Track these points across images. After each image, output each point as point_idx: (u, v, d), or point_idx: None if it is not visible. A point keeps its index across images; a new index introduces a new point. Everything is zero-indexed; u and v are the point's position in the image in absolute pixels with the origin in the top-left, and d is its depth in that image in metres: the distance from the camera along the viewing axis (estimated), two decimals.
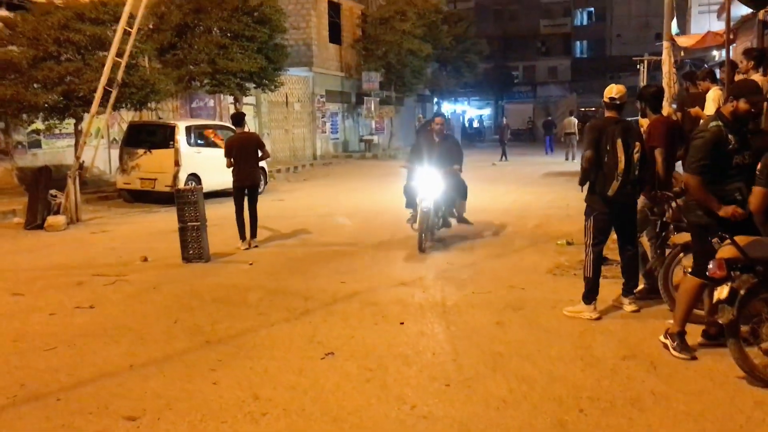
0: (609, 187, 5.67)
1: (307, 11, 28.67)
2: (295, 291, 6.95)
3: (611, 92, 5.91)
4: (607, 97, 5.92)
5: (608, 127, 5.75)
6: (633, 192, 5.79)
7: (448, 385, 4.40)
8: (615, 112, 5.88)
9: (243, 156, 9.46)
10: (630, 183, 5.68)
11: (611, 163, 5.67)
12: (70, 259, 9.00)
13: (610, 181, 5.66)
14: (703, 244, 4.73)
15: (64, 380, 4.64)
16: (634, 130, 5.85)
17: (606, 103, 5.93)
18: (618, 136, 5.67)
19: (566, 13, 61.39)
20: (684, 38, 15.55)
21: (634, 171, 5.67)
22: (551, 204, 13.39)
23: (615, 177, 5.64)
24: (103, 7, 13.55)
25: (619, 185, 5.64)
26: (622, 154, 5.63)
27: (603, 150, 5.72)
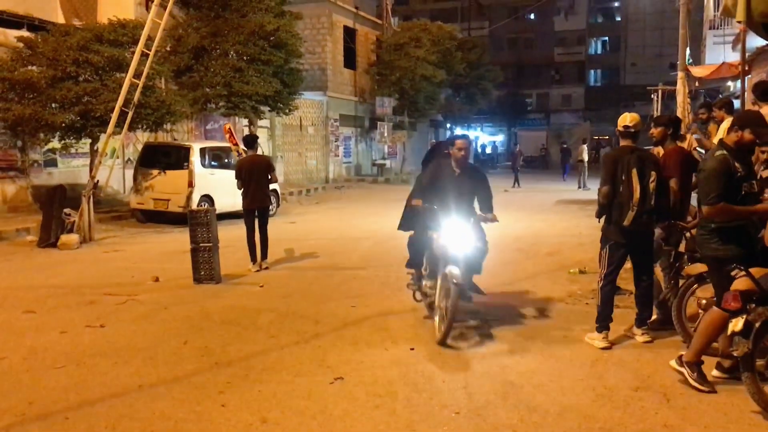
0: (625, 217, 5.63)
1: (323, 36, 28.99)
2: (306, 314, 6.93)
3: (625, 121, 5.88)
4: (621, 126, 5.89)
5: (623, 156, 5.72)
6: (649, 222, 5.73)
7: (457, 413, 4.36)
8: (630, 140, 5.85)
9: (253, 178, 9.53)
10: (646, 213, 5.63)
11: (626, 193, 5.63)
12: (82, 277, 9.04)
13: (626, 211, 5.62)
14: (720, 276, 4.67)
15: (73, 399, 4.64)
16: (650, 159, 5.81)
17: (620, 131, 5.91)
18: (633, 165, 5.64)
19: (580, 42, 61.66)
20: (699, 69, 15.58)
21: (650, 201, 5.62)
22: (564, 232, 13.33)
23: (630, 207, 5.60)
24: (121, 29, 13.75)
25: (634, 215, 5.59)
26: (638, 184, 5.59)
27: (618, 179, 5.69)
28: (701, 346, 4.71)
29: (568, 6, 60.70)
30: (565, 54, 61.37)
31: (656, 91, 18.57)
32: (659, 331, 6.05)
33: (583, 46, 61.85)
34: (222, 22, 18.65)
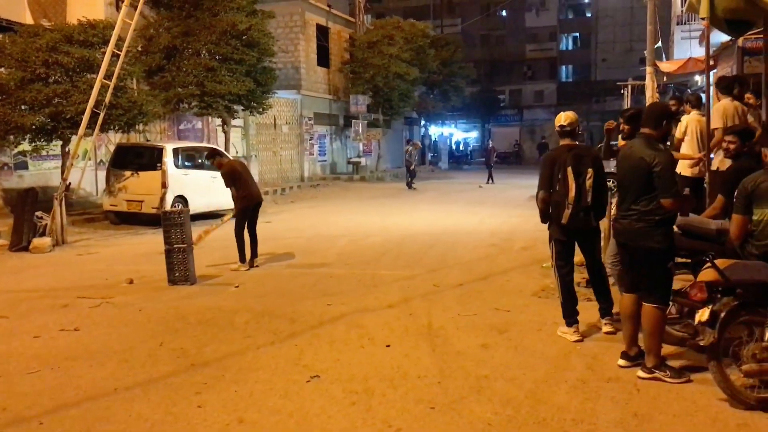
0: (562, 216, 5.72)
1: (295, 35, 28.91)
2: (282, 313, 6.95)
3: (560, 120, 5.94)
4: (557, 126, 5.97)
5: (561, 155, 5.80)
6: (586, 219, 5.79)
7: (433, 408, 4.41)
8: (568, 139, 5.92)
9: (249, 174, 9.82)
10: (582, 210, 5.71)
11: (562, 191, 5.73)
12: (56, 281, 8.96)
13: (563, 209, 5.72)
14: (659, 268, 4.76)
15: (48, 404, 4.61)
16: (588, 156, 5.84)
17: (558, 131, 5.99)
18: (569, 163, 5.71)
19: (552, 38, 62.14)
20: (666, 64, 15.84)
21: (585, 198, 5.69)
22: (538, 227, 13.28)
23: (566, 205, 5.69)
24: (91, 30, 13.62)
25: (570, 213, 5.69)
26: (573, 182, 5.67)
27: (555, 178, 5.79)
28: (655, 346, 4.78)
29: (539, 2, 61.15)
30: (536, 50, 61.81)
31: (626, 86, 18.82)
32: None
33: (555, 42, 62.34)
34: (193, 21, 18.53)
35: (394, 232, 13.41)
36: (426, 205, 19.52)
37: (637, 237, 4.82)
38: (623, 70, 49.31)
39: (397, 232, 13.28)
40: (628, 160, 4.88)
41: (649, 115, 5.03)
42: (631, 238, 4.88)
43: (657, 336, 4.78)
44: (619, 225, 4.99)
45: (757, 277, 4.33)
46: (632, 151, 4.88)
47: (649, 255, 4.78)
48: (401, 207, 18.89)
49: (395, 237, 12.62)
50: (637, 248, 4.85)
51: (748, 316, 4.33)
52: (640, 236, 4.80)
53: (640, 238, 4.80)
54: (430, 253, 10.77)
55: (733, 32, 7.31)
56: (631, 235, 4.87)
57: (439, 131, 50.08)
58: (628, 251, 5.00)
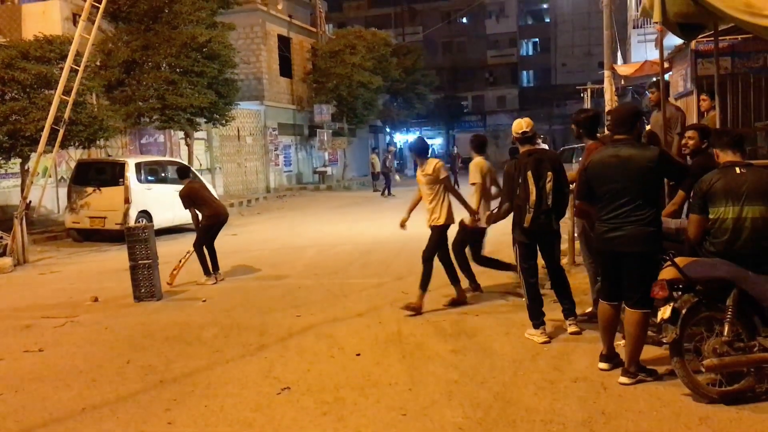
0: (524, 219, 5.83)
1: (257, 45, 28.84)
2: (251, 326, 6.91)
3: (521, 127, 6.04)
4: (518, 133, 6.05)
5: (522, 160, 5.91)
6: (547, 221, 5.90)
7: (404, 415, 4.43)
8: (528, 144, 6.03)
9: (209, 192, 9.98)
10: (543, 213, 5.82)
11: (523, 196, 5.84)
12: (18, 301, 8.79)
13: (524, 213, 5.82)
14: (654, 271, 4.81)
15: (12, 427, 4.53)
16: (548, 161, 5.93)
17: (518, 137, 6.08)
18: (529, 168, 5.82)
19: (512, 44, 62.94)
20: (624, 67, 16.17)
21: (546, 201, 5.80)
22: (504, 230, 13.43)
23: (527, 209, 5.80)
24: (48, 46, 13.47)
25: (532, 217, 5.80)
26: (533, 186, 5.78)
27: (516, 183, 5.90)
28: (639, 351, 4.80)
29: (498, 9, 61.93)
30: (497, 56, 62.54)
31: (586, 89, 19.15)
32: (594, 323, 6.23)
33: (515, 48, 63.16)
34: (153, 34, 18.40)
35: (361, 240, 13.43)
36: (393, 212, 19.49)
37: (639, 243, 4.69)
38: (583, 74, 50.15)
39: (365, 241, 13.30)
40: (622, 165, 4.73)
41: (621, 120, 4.98)
42: (633, 245, 4.70)
43: (642, 341, 4.79)
44: (618, 233, 4.75)
45: (716, 274, 4.44)
46: (623, 156, 4.75)
47: (646, 260, 4.71)
48: (369, 215, 18.91)
49: (363, 245, 12.63)
50: (636, 255, 4.71)
51: (708, 312, 4.43)
52: (642, 242, 4.68)
53: (642, 244, 4.68)
54: (398, 260, 10.80)
55: (686, 35, 7.49)
56: (633, 242, 4.70)
57: (404, 138, 50.27)
58: (616, 259, 4.82)
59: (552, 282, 6.28)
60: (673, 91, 11.91)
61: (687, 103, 10.43)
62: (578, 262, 8.74)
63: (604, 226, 4.87)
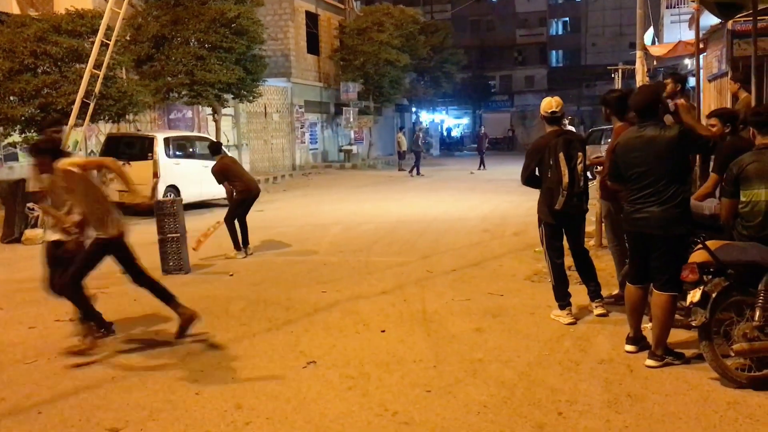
0: (555, 202, 5.75)
1: (285, 22, 28.77)
2: (277, 301, 6.98)
3: (551, 106, 5.90)
4: (547, 111, 5.92)
5: (550, 141, 5.80)
6: (579, 204, 5.87)
7: (429, 392, 4.46)
8: (556, 125, 5.93)
9: (241, 168, 10.01)
10: (575, 196, 5.76)
11: (555, 178, 5.73)
12: None
13: (556, 196, 5.73)
14: (682, 252, 4.77)
15: (45, 393, 4.63)
16: (576, 141, 5.89)
17: (546, 117, 5.95)
18: (560, 149, 5.71)
19: (542, 23, 62.10)
20: (656, 47, 15.85)
21: (578, 183, 5.74)
22: (530, 212, 13.39)
23: (560, 192, 5.70)
24: (80, 20, 13.54)
25: (565, 199, 5.71)
26: (566, 168, 5.68)
27: (546, 165, 5.81)
28: (667, 334, 4.76)
29: None
30: (527, 35, 61.76)
31: (617, 70, 18.85)
32: (620, 305, 6.19)
33: (545, 28, 62.30)
34: (182, 9, 18.43)
35: (386, 219, 13.44)
36: (418, 191, 19.56)
37: (666, 225, 4.63)
38: (613, 54, 49.42)
39: (390, 220, 13.31)
40: (647, 146, 4.68)
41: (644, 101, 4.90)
42: (660, 227, 4.66)
43: (669, 324, 4.76)
44: (644, 214, 4.70)
45: (748, 258, 4.37)
46: (648, 136, 4.69)
47: (674, 242, 4.68)
48: (393, 194, 18.91)
49: (388, 224, 12.65)
50: (663, 237, 4.67)
51: (739, 296, 4.38)
52: (670, 223, 4.63)
53: (669, 226, 4.63)
54: (423, 239, 10.81)
55: (723, 15, 7.34)
56: (660, 223, 4.65)
57: (430, 118, 50.05)
58: (644, 241, 4.78)
59: (577, 264, 6.23)
60: (707, 72, 11.68)
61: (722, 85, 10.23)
62: (605, 244, 8.67)
63: (630, 207, 4.86)
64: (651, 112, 4.81)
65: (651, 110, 4.81)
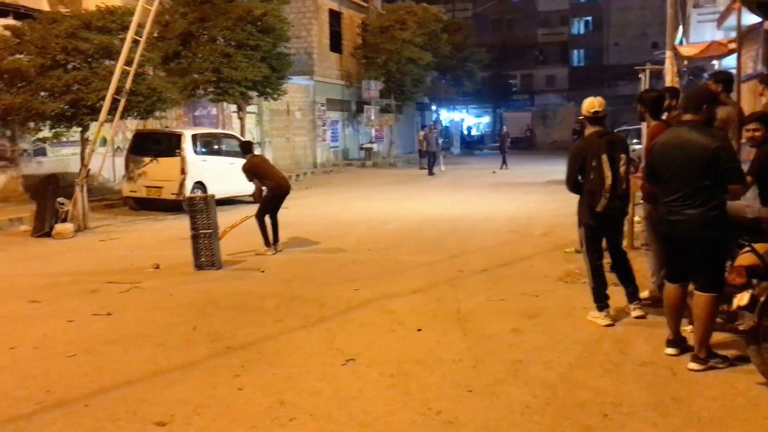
0: (597, 203, 5.69)
1: (308, 20, 28.84)
2: (310, 298, 7.00)
3: (594, 106, 5.81)
4: (590, 111, 5.83)
5: (593, 142, 5.74)
6: (621, 205, 5.83)
7: (470, 391, 4.45)
8: (598, 125, 5.85)
9: (271, 165, 10.17)
10: (618, 198, 5.71)
11: (598, 180, 5.67)
12: (82, 266, 9.05)
13: (598, 198, 5.67)
14: (721, 256, 4.73)
15: (89, 387, 4.68)
16: (619, 142, 5.84)
17: (589, 117, 5.87)
18: (603, 151, 5.65)
19: (564, 22, 61.76)
20: (687, 48, 15.67)
21: (621, 185, 5.68)
22: (556, 212, 13.45)
23: (603, 194, 5.64)
24: (110, 16, 13.66)
25: (607, 201, 5.66)
26: (609, 170, 5.62)
27: (588, 166, 5.75)
28: (708, 336, 4.71)
29: None
30: (548, 34, 61.46)
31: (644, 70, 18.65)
32: (658, 307, 6.13)
33: (566, 27, 61.95)
34: (209, 7, 18.55)
35: (411, 218, 13.44)
36: (441, 190, 19.53)
37: (701, 228, 4.61)
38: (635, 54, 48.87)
39: (415, 218, 13.30)
40: (681, 148, 4.68)
41: (689, 100, 4.94)
42: (693, 229, 4.66)
43: (711, 325, 4.71)
44: (678, 217, 4.71)
45: None
46: (685, 139, 4.69)
47: (710, 244, 4.64)
48: (416, 193, 18.90)
49: (413, 223, 12.65)
50: (697, 239, 4.65)
51: None
52: (704, 227, 4.60)
53: (703, 229, 4.61)
54: (450, 238, 10.79)
55: (765, 14, 7.23)
56: (693, 226, 4.64)
57: (450, 116, 49.94)
58: (679, 242, 4.80)
59: (615, 265, 6.18)
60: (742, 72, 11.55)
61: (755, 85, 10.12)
62: (636, 246, 8.62)
63: (665, 209, 4.85)
64: (695, 108, 4.77)
65: (696, 107, 4.77)
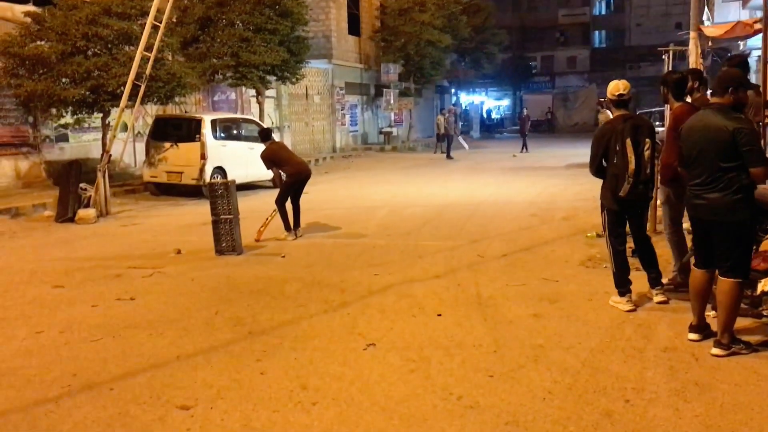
0: (620, 188, 5.64)
1: (326, 3, 28.70)
2: (331, 283, 7.03)
3: (618, 89, 5.73)
4: (615, 95, 5.75)
5: (617, 126, 5.67)
6: (645, 191, 5.77)
7: (491, 376, 4.46)
8: (623, 108, 5.78)
9: (289, 152, 10.20)
10: (642, 183, 5.65)
11: (621, 164, 5.62)
12: (105, 251, 9.15)
13: (621, 182, 5.62)
14: (746, 241, 4.67)
15: (115, 370, 4.75)
16: (644, 126, 5.76)
17: (613, 100, 5.80)
18: (627, 135, 5.58)
19: (585, 3, 60.93)
20: (711, 28, 15.39)
21: (645, 170, 5.61)
22: (577, 196, 13.37)
23: (626, 179, 5.59)
24: (129, 2, 13.67)
25: (630, 186, 5.61)
26: (632, 154, 5.56)
27: (612, 151, 5.69)
28: (732, 321, 4.68)
29: None
30: (569, 15, 60.70)
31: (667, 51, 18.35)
32: (681, 292, 6.10)
33: (588, 7, 61.13)
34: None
35: (431, 202, 13.41)
36: (461, 174, 19.46)
37: (724, 212, 4.58)
38: (658, 35, 48.25)
39: (435, 203, 13.28)
40: (703, 131, 4.67)
41: (716, 82, 4.87)
42: (716, 213, 4.63)
43: (735, 311, 4.67)
44: (700, 201, 4.70)
45: None
46: (707, 122, 4.66)
47: (734, 229, 4.60)
48: (436, 177, 18.85)
49: (433, 207, 12.62)
50: (721, 223, 4.62)
51: None
52: (727, 210, 4.57)
53: (727, 213, 4.57)
54: (470, 223, 10.76)
55: None
56: (716, 210, 4.62)
57: (469, 99, 49.64)
58: (705, 226, 4.77)
59: (638, 250, 6.13)
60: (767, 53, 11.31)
61: None
62: (659, 230, 8.54)
63: (690, 192, 4.84)
64: (721, 92, 4.71)
65: (722, 90, 4.70)
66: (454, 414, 3.95)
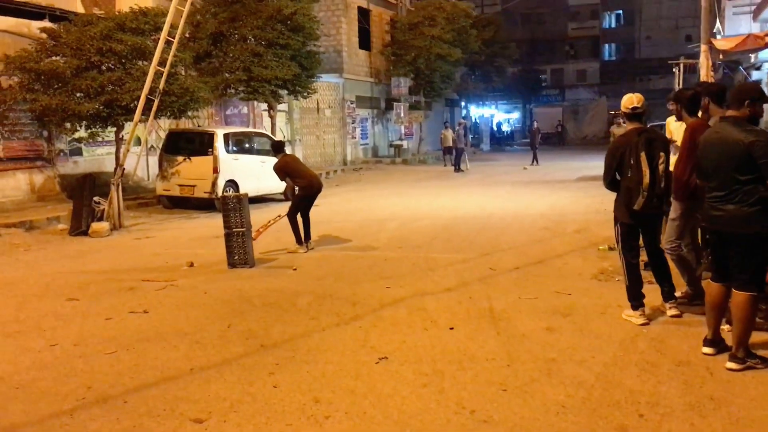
0: (635, 202, 5.63)
1: (337, 18, 28.92)
2: (343, 296, 7.04)
3: (632, 102, 5.74)
4: (628, 108, 5.77)
5: (631, 139, 5.67)
6: (659, 204, 5.76)
7: (505, 390, 4.45)
8: (637, 122, 5.78)
9: (302, 165, 10.27)
10: (656, 197, 5.64)
11: (636, 178, 5.61)
12: (118, 264, 9.21)
13: (636, 196, 5.61)
14: (762, 253, 4.67)
15: (128, 383, 4.77)
16: (659, 140, 5.75)
17: (627, 113, 5.81)
18: (642, 148, 5.57)
19: (594, 16, 61.04)
20: (723, 41, 15.39)
21: (659, 184, 5.61)
22: (589, 209, 13.35)
23: (640, 192, 5.58)
24: (143, 17, 13.82)
25: (645, 200, 5.59)
26: (647, 168, 5.55)
27: (626, 164, 5.68)
28: (748, 335, 4.65)
29: None
30: (578, 29, 60.83)
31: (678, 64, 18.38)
32: (693, 305, 6.08)
33: (597, 20, 61.23)
34: (240, 6, 18.72)
35: (442, 215, 13.43)
36: (471, 187, 19.47)
37: (740, 224, 4.57)
38: (668, 47, 48.29)
39: (446, 216, 13.29)
40: (719, 144, 4.67)
41: (732, 96, 4.87)
42: (732, 225, 4.62)
43: (751, 325, 4.66)
44: (718, 212, 4.68)
45: None
46: (723, 135, 4.66)
47: (751, 240, 4.58)
48: (447, 190, 18.86)
49: (444, 220, 12.64)
50: (737, 235, 4.61)
51: None
52: (743, 223, 4.56)
53: (743, 225, 4.56)
54: (482, 236, 10.76)
55: None
56: (732, 222, 4.61)
57: (480, 112, 49.70)
58: (721, 238, 4.75)
59: (652, 263, 6.11)
60: None
61: None
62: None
63: (708, 204, 4.83)
64: (738, 104, 4.71)
65: (738, 103, 4.71)
66: (467, 428, 3.94)
